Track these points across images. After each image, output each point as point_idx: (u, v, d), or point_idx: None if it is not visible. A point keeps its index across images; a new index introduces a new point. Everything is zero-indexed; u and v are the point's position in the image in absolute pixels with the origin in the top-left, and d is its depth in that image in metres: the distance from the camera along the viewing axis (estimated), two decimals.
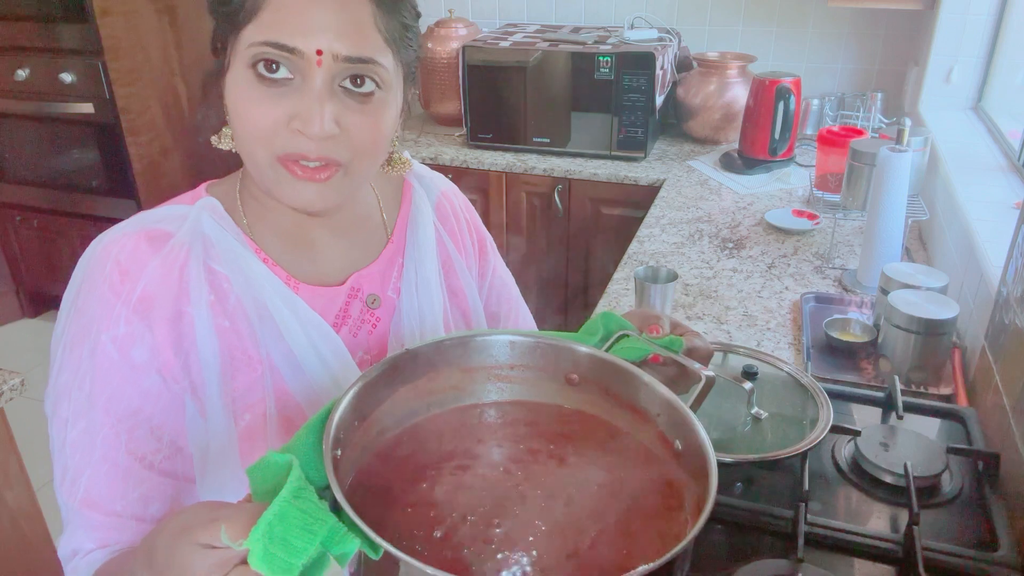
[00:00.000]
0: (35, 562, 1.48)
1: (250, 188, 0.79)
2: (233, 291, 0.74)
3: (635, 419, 0.68)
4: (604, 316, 0.76)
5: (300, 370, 0.76)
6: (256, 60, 0.66)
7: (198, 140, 3.01)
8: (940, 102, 2.15)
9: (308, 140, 0.67)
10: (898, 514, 0.91)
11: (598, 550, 0.56)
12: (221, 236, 0.75)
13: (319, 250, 0.81)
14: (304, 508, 0.46)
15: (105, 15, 2.57)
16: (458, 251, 0.92)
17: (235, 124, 0.70)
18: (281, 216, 0.79)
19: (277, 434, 0.76)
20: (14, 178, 3.02)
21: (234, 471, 0.75)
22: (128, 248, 0.71)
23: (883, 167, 1.47)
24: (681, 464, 0.62)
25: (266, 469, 0.50)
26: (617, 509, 0.60)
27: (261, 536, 0.45)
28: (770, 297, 1.57)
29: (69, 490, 0.71)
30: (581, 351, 0.71)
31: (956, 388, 1.22)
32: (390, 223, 0.88)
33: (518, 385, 0.73)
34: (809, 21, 2.54)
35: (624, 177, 2.30)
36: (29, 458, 1.46)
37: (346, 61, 0.66)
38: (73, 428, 0.70)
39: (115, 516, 0.71)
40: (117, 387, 0.70)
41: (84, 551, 0.71)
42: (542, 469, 0.65)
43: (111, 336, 0.69)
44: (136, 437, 0.71)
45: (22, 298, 3.32)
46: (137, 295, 0.70)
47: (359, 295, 0.83)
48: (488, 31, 2.66)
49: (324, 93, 0.66)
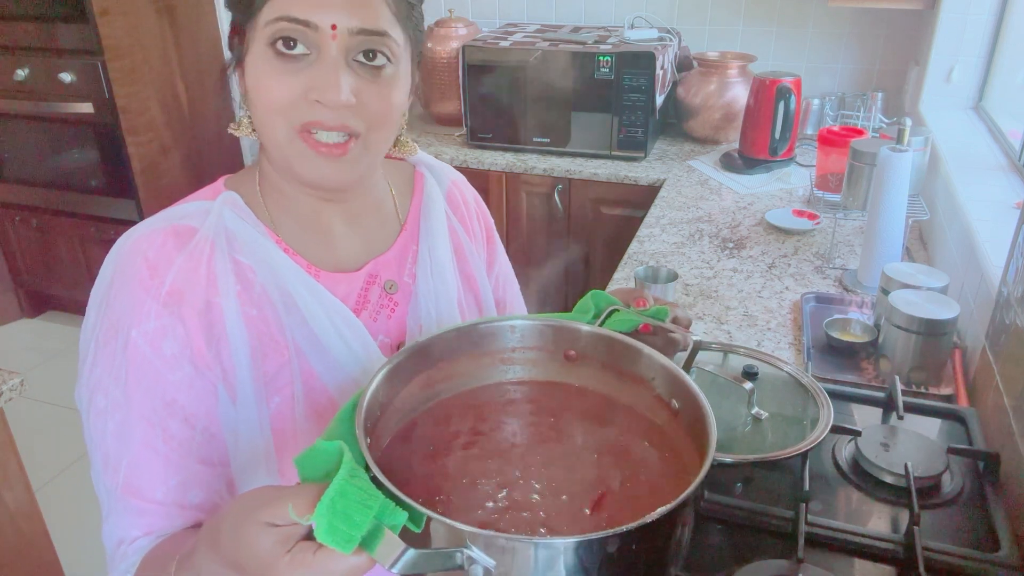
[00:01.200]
0: (35, 562, 1.47)
1: (269, 178, 0.82)
2: (258, 280, 0.77)
3: (634, 385, 0.73)
4: (593, 295, 0.81)
5: (325, 353, 0.79)
6: (275, 38, 0.69)
7: (205, 139, 3.01)
8: (940, 102, 2.15)
9: (326, 109, 0.70)
10: (898, 514, 0.91)
11: (611, 506, 0.62)
12: (243, 228, 0.78)
13: (336, 238, 0.84)
14: (360, 486, 0.51)
15: (105, 15, 2.57)
16: (469, 238, 0.96)
17: (255, 102, 0.73)
18: (300, 204, 0.82)
19: (305, 415, 0.79)
20: (14, 178, 3.02)
21: (267, 452, 0.79)
22: (156, 244, 0.74)
23: (883, 167, 1.47)
24: (680, 422, 0.67)
25: (315, 457, 0.55)
26: (625, 470, 0.65)
27: (326, 511, 0.49)
28: (770, 297, 1.57)
29: (112, 477, 0.73)
30: (579, 328, 0.76)
31: (956, 388, 1.22)
32: (403, 211, 0.91)
33: (522, 366, 0.78)
34: (809, 21, 2.54)
35: (624, 177, 2.30)
36: (29, 458, 1.46)
37: (360, 34, 0.70)
38: (111, 419, 0.73)
39: (157, 504, 0.74)
40: (151, 381, 0.72)
41: (130, 539, 0.74)
42: (552, 439, 0.70)
43: (142, 331, 0.72)
44: (171, 427, 0.74)
45: (22, 298, 3.32)
46: (166, 289, 0.72)
47: (377, 281, 0.86)
48: (488, 31, 2.66)
49: (340, 64, 0.70)
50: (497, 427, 0.71)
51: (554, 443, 0.69)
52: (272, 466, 0.79)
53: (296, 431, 0.79)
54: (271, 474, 0.79)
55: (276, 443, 0.79)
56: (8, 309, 3.30)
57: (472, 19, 2.77)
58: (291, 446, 0.79)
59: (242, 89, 0.76)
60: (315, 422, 0.80)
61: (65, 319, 3.35)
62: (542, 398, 0.76)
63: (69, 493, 2.33)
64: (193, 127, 2.99)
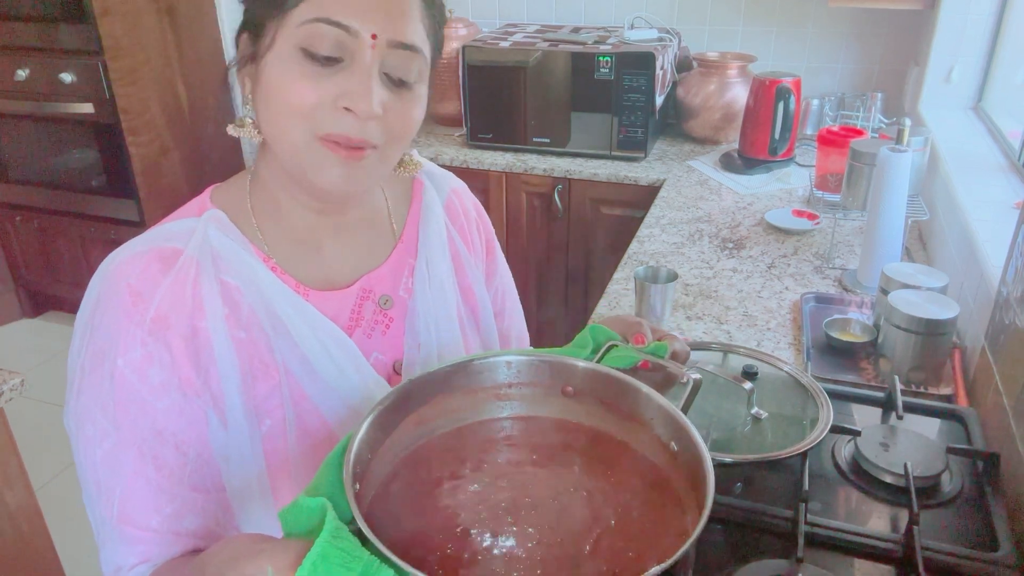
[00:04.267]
0: (35, 562, 1.48)
1: (264, 186, 0.79)
2: (245, 301, 0.75)
3: (632, 425, 0.70)
4: (592, 328, 0.79)
5: (315, 374, 0.77)
6: (308, 39, 0.67)
7: (206, 139, 3.01)
8: (940, 102, 2.15)
9: (353, 120, 0.68)
10: (898, 514, 0.91)
11: (607, 554, 0.58)
12: (229, 247, 0.76)
13: (327, 254, 0.82)
14: (342, 547, 0.50)
15: (105, 15, 2.57)
16: (468, 249, 0.93)
17: (273, 103, 0.70)
18: (292, 215, 0.79)
19: (297, 437, 0.77)
20: (14, 178, 3.02)
21: (259, 476, 0.77)
22: (139, 269, 0.72)
23: (883, 167, 1.47)
24: (678, 465, 0.64)
25: (299, 513, 0.54)
26: (621, 514, 0.62)
27: (307, 575, 0.49)
28: (770, 297, 1.57)
29: (106, 507, 0.72)
30: (575, 365, 0.73)
31: (956, 388, 1.22)
32: (399, 223, 0.89)
33: (518, 402, 0.75)
34: (809, 21, 2.54)
35: (624, 177, 2.30)
36: (29, 458, 1.46)
37: (398, 47, 0.69)
38: (99, 447, 0.71)
39: (152, 532, 0.73)
40: (139, 410, 0.71)
41: (128, 566, 0.73)
42: (546, 479, 0.67)
43: (127, 361, 0.70)
44: (163, 455, 0.72)
45: (22, 298, 3.32)
46: (151, 316, 0.70)
47: (371, 296, 0.83)
48: (488, 31, 2.66)
49: (374, 74, 0.68)
50: (491, 467, 0.69)
51: (549, 484, 0.66)
52: (266, 490, 0.78)
53: (288, 454, 0.77)
54: (265, 498, 0.78)
55: (269, 466, 0.77)
56: (8, 309, 3.30)
57: (472, 19, 2.77)
58: (284, 469, 0.78)
59: (248, 90, 0.74)
60: (307, 444, 0.78)
61: (65, 319, 3.35)
62: (538, 436, 0.73)
63: (69, 493, 2.32)
64: (193, 127, 2.99)
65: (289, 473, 0.78)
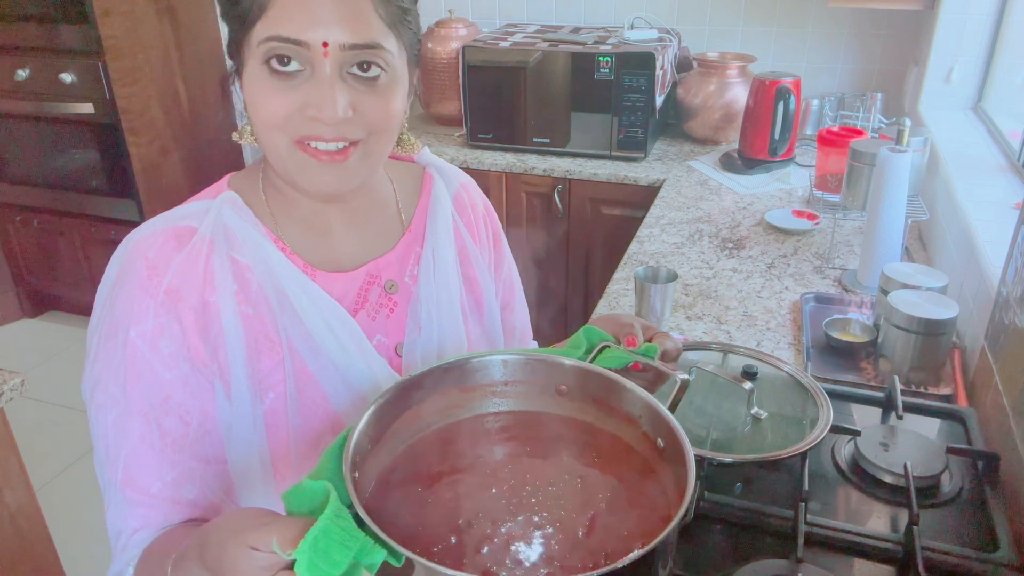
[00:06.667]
0: (35, 562, 1.48)
1: (271, 178, 0.83)
2: (255, 279, 0.79)
3: (621, 422, 0.74)
4: (586, 330, 0.82)
5: (318, 352, 0.80)
6: (268, 56, 0.70)
7: (206, 139, 3.01)
8: (940, 102, 2.15)
9: (324, 125, 0.71)
10: (898, 514, 0.91)
11: (597, 538, 0.62)
12: (241, 227, 0.79)
13: (336, 237, 0.85)
14: (343, 526, 0.53)
15: (105, 15, 2.57)
16: (474, 241, 0.96)
17: (253, 116, 0.74)
18: (300, 204, 0.83)
19: (297, 411, 0.81)
20: (14, 178, 3.02)
21: (260, 449, 0.80)
22: (157, 245, 0.76)
23: (883, 167, 1.47)
24: (664, 459, 0.68)
25: (302, 494, 0.57)
26: (611, 502, 0.66)
27: (308, 548, 0.51)
28: (770, 297, 1.57)
29: (112, 470, 0.76)
30: (568, 364, 0.77)
31: (956, 388, 1.22)
32: (408, 213, 0.92)
33: (513, 399, 0.78)
34: (809, 21, 2.54)
35: (624, 177, 2.30)
36: (29, 458, 1.46)
37: (352, 49, 0.70)
38: (109, 414, 0.75)
39: (152, 497, 0.76)
40: (148, 379, 0.74)
41: (129, 530, 0.76)
42: (539, 471, 0.70)
43: (140, 331, 0.74)
44: (167, 423, 0.76)
45: (22, 298, 3.32)
46: (164, 288, 0.74)
47: (377, 281, 0.87)
48: (488, 31, 2.66)
49: (334, 80, 0.70)
50: (485, 459, 0.72)
51: (544, 473, 0.70)
52: (266, 463, 0.81)
53: (288, 428, 0.80)
54: (265, 471, 0.81)
55: (269, 439, 0.80)
56: (8, 309, 3.30)
57: (472, 19, 2.77)
58: (283, 442, 0.81)
59: (244, 99, 0.77)
60: (307, 419, 0.81)
61: (66, 319, 3.35)
62: (530, 429, 0.76)
63: (69, 493, 2.33)
64: (193, 127, 2.99)
65: (288, 447, 0.81)
